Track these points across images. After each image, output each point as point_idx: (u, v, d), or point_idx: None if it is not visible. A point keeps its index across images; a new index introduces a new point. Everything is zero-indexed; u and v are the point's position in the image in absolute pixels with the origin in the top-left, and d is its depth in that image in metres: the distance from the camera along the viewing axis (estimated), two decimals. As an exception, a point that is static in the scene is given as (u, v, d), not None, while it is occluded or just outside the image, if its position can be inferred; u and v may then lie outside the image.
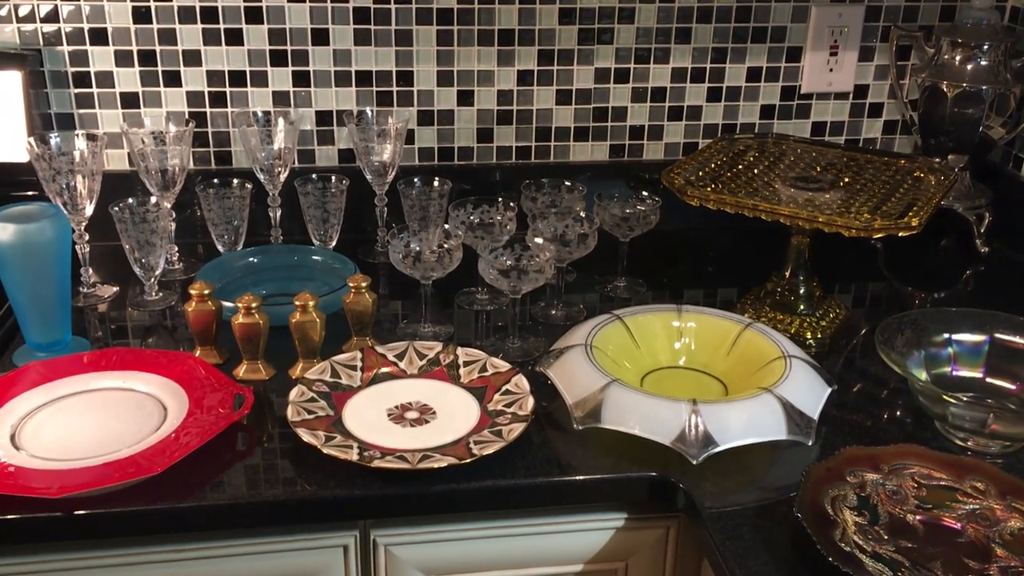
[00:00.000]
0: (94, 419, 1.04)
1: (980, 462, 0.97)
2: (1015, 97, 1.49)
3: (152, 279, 1.29)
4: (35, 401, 1.06)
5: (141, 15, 1.40)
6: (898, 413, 1.11)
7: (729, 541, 0.90)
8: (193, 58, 1.43)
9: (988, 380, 1.12)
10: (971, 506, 0.91)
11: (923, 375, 1.10)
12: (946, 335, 1.14)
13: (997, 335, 1.13)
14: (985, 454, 1.02)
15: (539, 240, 1.21)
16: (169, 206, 1.32)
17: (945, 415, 1.03)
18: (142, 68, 1.43)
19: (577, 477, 0.99)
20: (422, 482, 0.96)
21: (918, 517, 0.90)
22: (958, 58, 1.47)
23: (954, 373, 1.13)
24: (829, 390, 1.07)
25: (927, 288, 1.45)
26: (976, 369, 1.13)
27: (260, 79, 1.46)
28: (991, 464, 0.97)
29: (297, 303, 1.12)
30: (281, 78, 1.46)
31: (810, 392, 1.05)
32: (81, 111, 1.44)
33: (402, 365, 1.13)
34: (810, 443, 1.01)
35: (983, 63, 1.46)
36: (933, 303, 1.41)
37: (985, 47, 1.45)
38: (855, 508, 0.90)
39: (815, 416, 1.03)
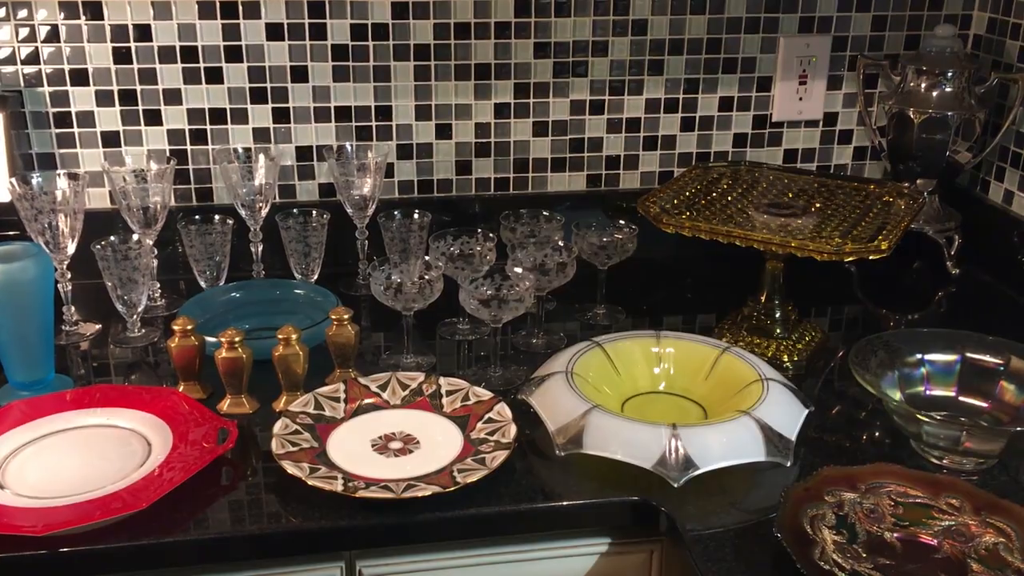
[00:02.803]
0: (78, 456, 1.04)
1: (955, 479, 0.99)
2: (980, 122, 1.52)
3: (135, 316, 1.30)
4: (19, 440, 1.06)
5: (121, 55, 1.42)
6: (875, 434, 1.13)
7: (711, 563, 0.91)
8: (174, 97, 1.45)
9: (960, 399, 1.14)
10: (947, 522, 0.93)
11: (897, 395, 1.12)
12: (919, 355, 1.16)
13: (968, 354, 1.15)
14: (960, 471, 1.03)
15: (518, 270, 1.22)
16: (151, 243, 1.33)
17: (920, 434, 1.05)
18: (123, 107, 1.44)
19: (561, 503, 1.00)
20: (407, 511, 0.97)
21: (895, 535, 0.91)
22: (923, 85, 1.51)
23: (927, 392, 1.15)
24: (806, 411, 1.09)
25: (900, 310, 1.48)
26: (949, 388, 1.15)
27: (240, 116, 1.47)
28: (965, 481, 0.99)
29: (280, 336, 1.13)
30: (261, 115, 1.48)
31: (788, 414, 1.07)
32: (62, 151, 1.45)
33: (385, 396, 1.14)
34: (789, 464, 1.02)
35: (948, 90, 1.50)
36: (906, 324, 1.43)
37: (949, 74, 1.49)
38: (834, 527, 0.91)
39: (793, 437, 1.05)
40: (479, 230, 1.34)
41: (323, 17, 1.44)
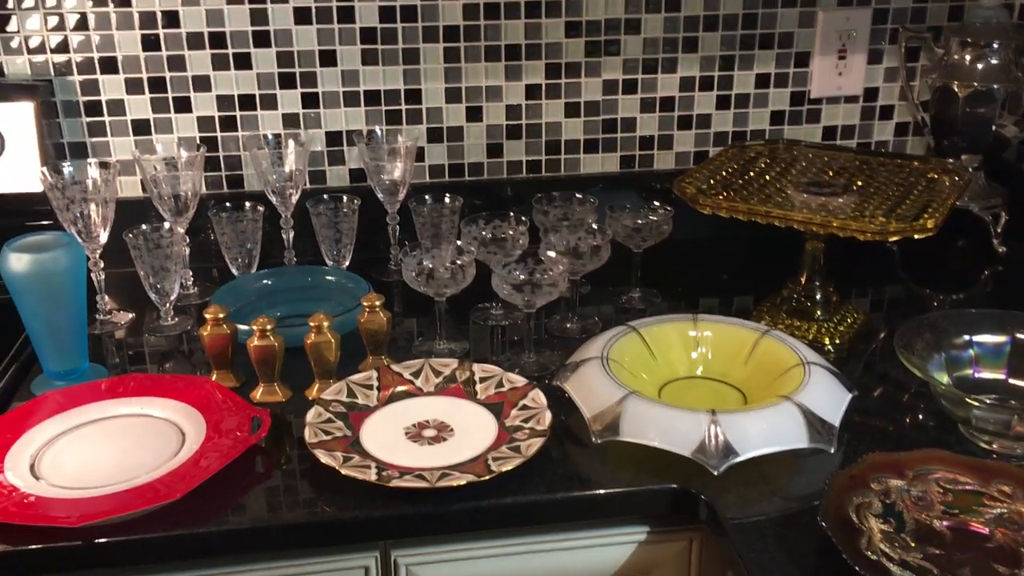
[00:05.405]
0: (113, 446, 1.04)
1: (1006, 465, 0.96)
2: (1027, 95, 1.48)
3: (167, 304, 1.29)
4: (54, 430, 1.06)
5: (150, 43, 1.41)
6: (920, 417, 1.10)
7: (753, 552, 0.89)
8: (203, 83, 1.44)
9: (1011, 381, 1.10)
10: (998, 510, 0.90)
11: (945, 378, 1.09)
12: (966, 337, 1.12)
13: (1019, 335, 1.12)
14: (1011, 456, 1.00)
15: (552, 253, 1.20)
16: (183, 231, 1.32)
17: (968, 418, 1.02)
18: (153, 95, 1.44)
19: (597, 491, 0.99)
20: (441, 501, 0.96)
21: (945, 523, 0.89)
22: (968, 58, 1.46)
23: (976, 375, 1.11)
24: (850, 396, 1.06)
25: (945, 290, 1.44)
26: (998, 370, 1.11)
27: (270, 102, 1.46)
28: (1017, 467, 0.96)
29: (312, 324, 1.12)
30: (290, 100, 1.47)
31: (830, 399, 1.04)
32: (93, 139, 1.45)
33: (418, 383, 1.13)
34: (832, 450, 1.00)
35: (993, 62, 1.45)
36: (952, 305, 1.39)
37: (995, 46, 1.45)
38: (880, 515, 0.89)
39: (836, 423, 1.02)
40: (511, 214, 1.32)
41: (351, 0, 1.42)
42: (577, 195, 1.38)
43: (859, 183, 1.30)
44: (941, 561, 0.84)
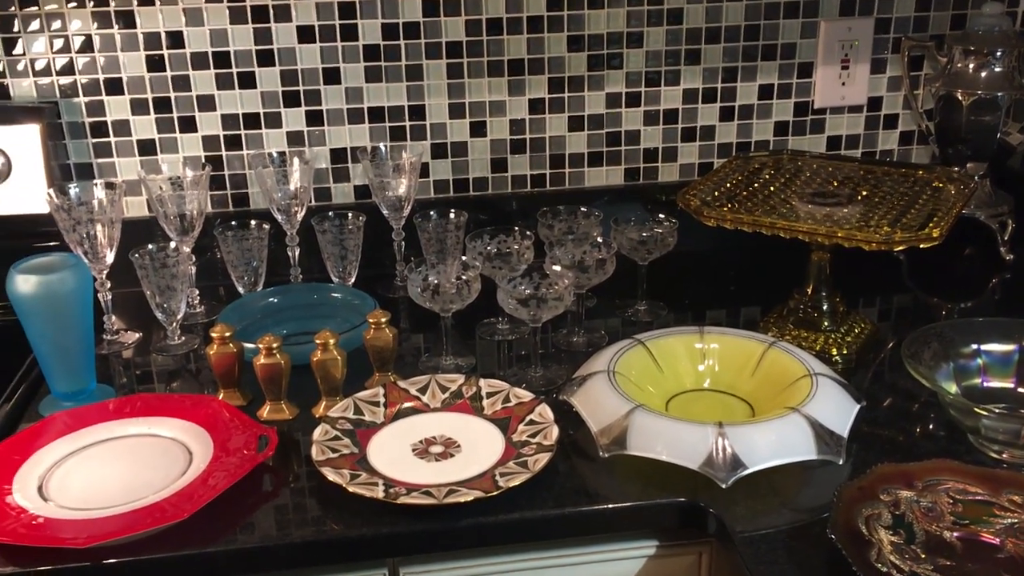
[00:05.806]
0: (121, 467, 1.04)
1: (1016, 474, 0.95)
2: (1032, 102, 1.47)
3: (174, 324, 1.30)
4: (62, 451, 1.06)
5: (155, 63, 1.42)
6: (930, 427, 1.09)
7: (763, 566, 0.89)
8: (207, 103, 1.45)
9: (1020, 390, 1.10)
10: (1009, 520, 0.89)
11: (953, 388, 1.08)
12: (975, 346, 1.12)
13: (1027, 344, 1.11)
14: (1021, 466, 1.00)
15: (557, 267, 1.20)
16: (188, 250, 1.33)
17: (978, 428, 1.01)
18: (158, 115, 1.44)
19: (605, 506, 0.98)
20: (449, 517, 0.95)
21: (955, 534, 0.88)
22: (971, 66, 1.46)
23: (985, 384, 1.11)
24: (858, 407, 1.06)
25: (953, 298, 1.43)
26: (1007, 379, 1.11)
27: (274, 120, 1.47)
28: (1028, 476, 0.95)
29: (318, 341, 1.12)
30: (295, 118, 1.47)
31: (838, 410, 1.04)
32: (99, 160, 1.46)
33: (425, 399, 1.13)
34: (841, 462, 0.99)
35: (997, 69, 1.45)
36: (959, 313, 1.39)
37: (998, 53, 1.44)
38: (890, 527, 0.88)
39: (845, 434, 1.01)
40: (516, 228, 1.32)
41: (354, 17, 1.43)
42: (582, 208, 1.38)
43: (864, 193, 1.30)
44: (952, 572, 0.83)
